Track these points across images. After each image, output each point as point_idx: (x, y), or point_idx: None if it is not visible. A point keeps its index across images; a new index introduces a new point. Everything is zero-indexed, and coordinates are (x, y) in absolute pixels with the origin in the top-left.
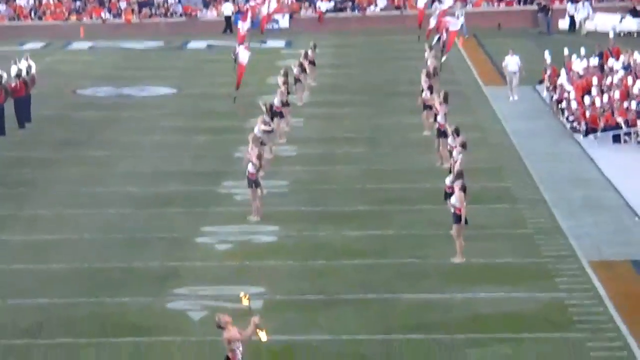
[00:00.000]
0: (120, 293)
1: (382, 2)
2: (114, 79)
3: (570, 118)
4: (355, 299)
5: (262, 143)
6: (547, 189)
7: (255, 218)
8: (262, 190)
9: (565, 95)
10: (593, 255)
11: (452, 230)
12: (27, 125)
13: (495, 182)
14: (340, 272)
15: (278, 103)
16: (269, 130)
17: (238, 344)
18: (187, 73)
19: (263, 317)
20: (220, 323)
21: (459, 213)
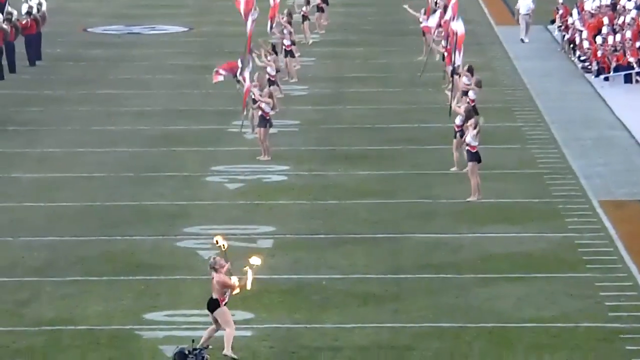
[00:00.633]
0: (130, 231)
1: None
2: (124, 17)
3: (582, 58)
4: (365, 238)
5: (272, 82)
6: (558, 129)
7: (265, 158)
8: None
9: (577, 35)
10: (603, 195)
11: (466, 169)
12: (37, 63)
13: (506, 122)
14: (350, 211)
15: (288, 42)
16: (277, 70)
17: (228, 289)
18: (197, 11)
19: (274, 256)
20: (215, 265)
21: (473, 151)
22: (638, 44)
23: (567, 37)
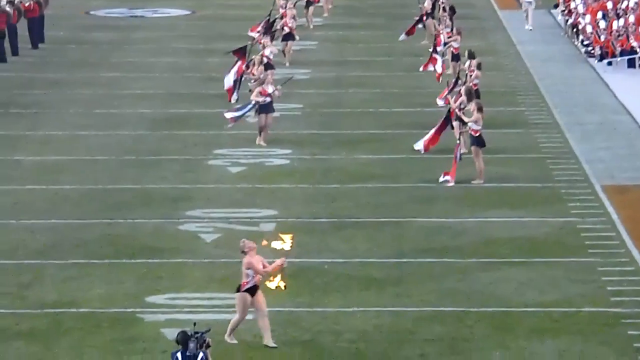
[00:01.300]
0: (133, 214)
1: None
2: (127, 0)
3: (585, 42)
4: (367, 222)
5: (269, 66)
6: (560, 113)
7: (263, 143)
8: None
9: (580, 20)
10: (606, 180)
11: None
12: (40, 46)
13: (509, 106)
14: (352, 195)
15: (292, 24)
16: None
17: (254, 273)
18: None
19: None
20: (244, 248)
21: (476, 135)
22: None
23: (570, 21)
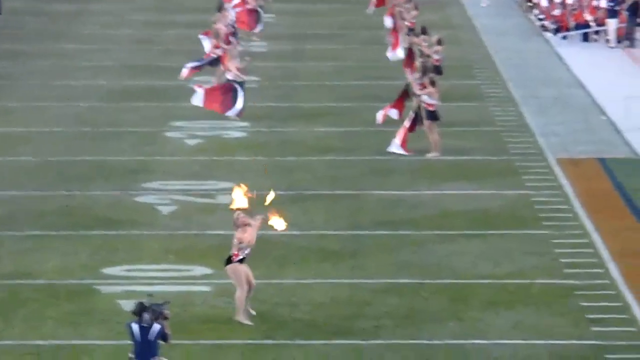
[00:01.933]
0: (90, 186)
1: None
2: None
3: (540, 16)
4: (324, 195)
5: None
6: (515, 87)
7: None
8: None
9: None
10: (560, 153)
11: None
12: None
13: (465, 79)
14: (310, 168)
15: None
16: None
17: (246, 246)
18: None
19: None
20: (237, 222)
21: (431, 109)
22: (595, 3)
23: None
